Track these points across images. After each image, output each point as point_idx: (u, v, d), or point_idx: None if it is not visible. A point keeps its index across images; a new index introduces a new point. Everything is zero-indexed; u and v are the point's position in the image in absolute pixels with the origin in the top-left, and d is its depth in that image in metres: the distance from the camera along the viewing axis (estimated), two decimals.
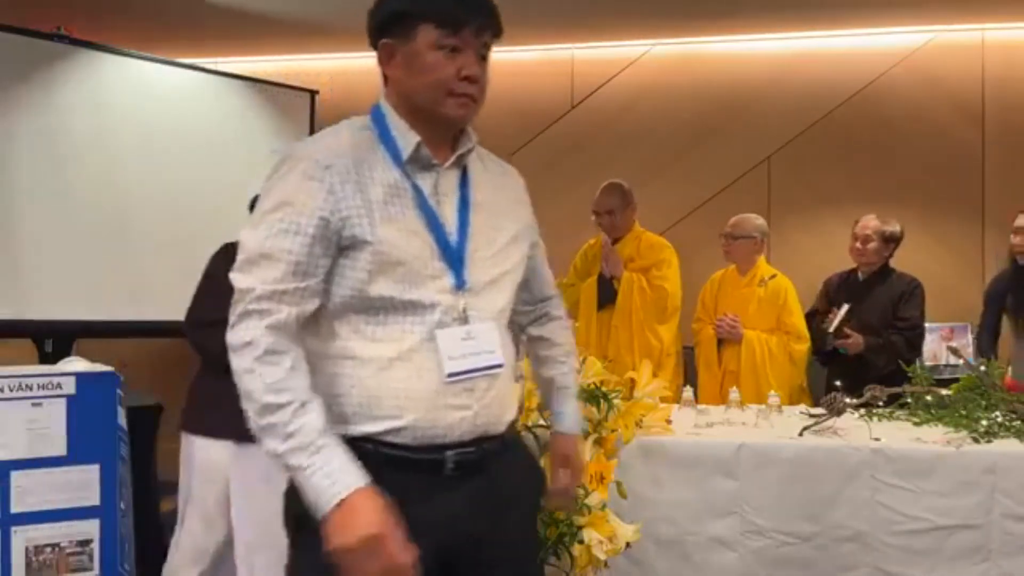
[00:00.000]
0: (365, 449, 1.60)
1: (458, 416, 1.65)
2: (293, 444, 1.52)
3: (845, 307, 4.42)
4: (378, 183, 1.64)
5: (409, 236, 1.64)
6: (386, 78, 1.73)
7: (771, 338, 4.45)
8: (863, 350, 4.37)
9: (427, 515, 1.60)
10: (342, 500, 1.49)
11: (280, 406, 1.53)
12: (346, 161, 1.63)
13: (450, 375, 1.63)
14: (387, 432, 1.62)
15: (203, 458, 3.24)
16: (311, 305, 1.62)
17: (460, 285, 1.67)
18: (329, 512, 1.49)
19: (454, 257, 1.68)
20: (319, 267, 1.61)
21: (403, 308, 1.63)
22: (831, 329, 4.41)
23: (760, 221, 4.70)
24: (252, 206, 3.50)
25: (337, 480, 1.50)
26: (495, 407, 1.71)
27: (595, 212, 4.78)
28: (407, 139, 1.68)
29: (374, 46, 1.71)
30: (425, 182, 1.69)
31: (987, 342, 4.58)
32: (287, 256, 1.59)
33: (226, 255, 3.33)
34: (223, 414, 3.21)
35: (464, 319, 1.66)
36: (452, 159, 1.73)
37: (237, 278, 1.63)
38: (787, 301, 4.52)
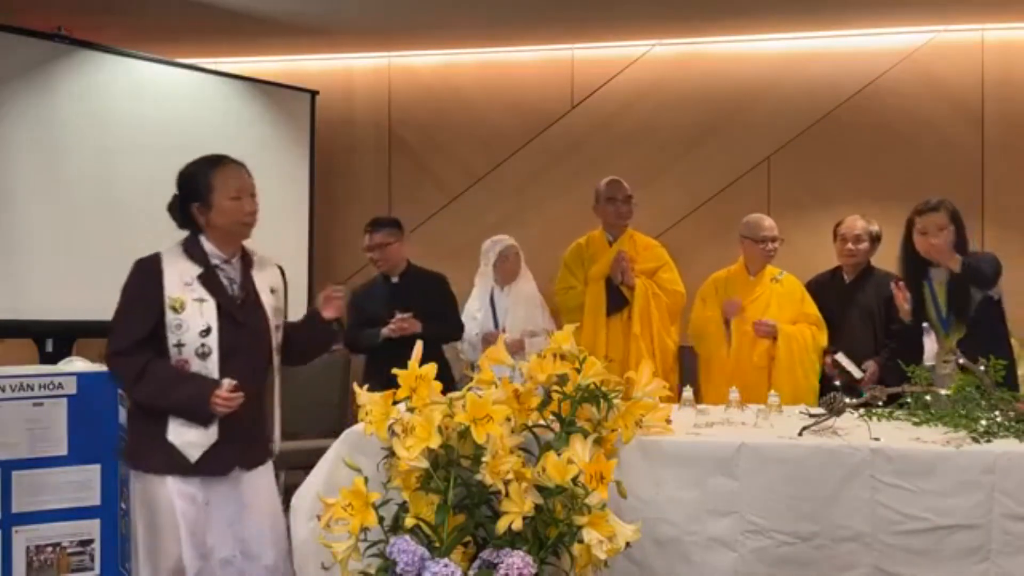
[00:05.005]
0: None
1: None
2: None
3: (842, 359, 4.46)
4: None
5: None
6: None
7: (803, 330, 4.56)
8: (881, 375, 4.41)
9: None
10: None
11: None
12: None
13: None
14: None
15: (142, 491, 2.93)
16: None
17: None
18: None
19: None
20: None
21: None
22: (857, 377, 4.40)
23: None
24: (172, 207, 3.12)
25: None
26: None
27: (614, 199, 4.83)
28: None
29: None
30: None
31: None
32: None
33: (140, 270, 3.02)
34: (158, 450, 2.84)
35: None
36: None
37: None
38: (803, 295, 4.67)
